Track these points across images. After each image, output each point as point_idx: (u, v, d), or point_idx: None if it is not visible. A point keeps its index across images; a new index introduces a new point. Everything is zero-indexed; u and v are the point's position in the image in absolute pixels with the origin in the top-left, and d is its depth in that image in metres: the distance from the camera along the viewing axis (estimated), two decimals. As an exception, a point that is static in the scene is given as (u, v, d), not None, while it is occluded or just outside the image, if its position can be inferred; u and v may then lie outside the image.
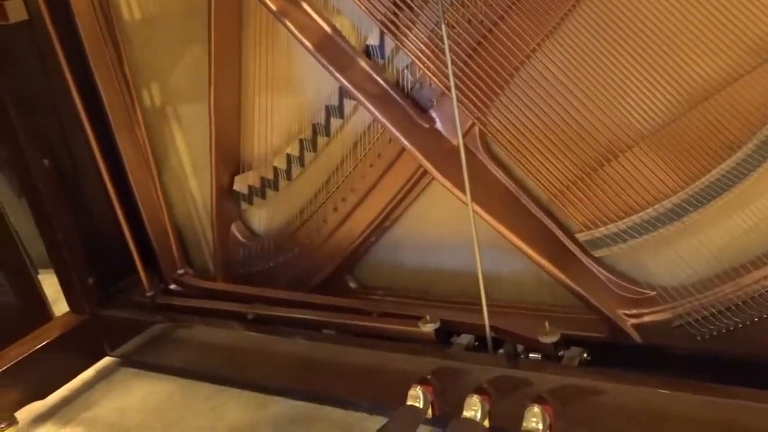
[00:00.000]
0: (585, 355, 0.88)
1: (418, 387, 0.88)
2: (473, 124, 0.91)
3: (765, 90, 0.76)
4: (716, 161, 0.80)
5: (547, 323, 0.88)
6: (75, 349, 1.24)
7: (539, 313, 0.96)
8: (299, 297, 1.10)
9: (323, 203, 1.10)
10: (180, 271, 1.27)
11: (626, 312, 0.89)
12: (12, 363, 1.14)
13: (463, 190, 0.89)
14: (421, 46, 0.91)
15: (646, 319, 0.88)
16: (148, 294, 1.23)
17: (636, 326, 0.89)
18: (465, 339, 0.94)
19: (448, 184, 0.94)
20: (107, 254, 1.26)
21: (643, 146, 0.83)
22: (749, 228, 0.82)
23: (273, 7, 1.00)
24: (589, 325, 0.92)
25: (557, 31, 0.84)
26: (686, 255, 0.86)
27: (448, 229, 1.02)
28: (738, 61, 0.77)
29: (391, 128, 0.96)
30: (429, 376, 0.90)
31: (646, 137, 0.83)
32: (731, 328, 0.84)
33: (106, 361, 1.29)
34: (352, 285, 1.14)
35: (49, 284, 1.31)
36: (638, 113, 0.82)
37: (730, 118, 0.78)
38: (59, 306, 1.29)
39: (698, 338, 0.86)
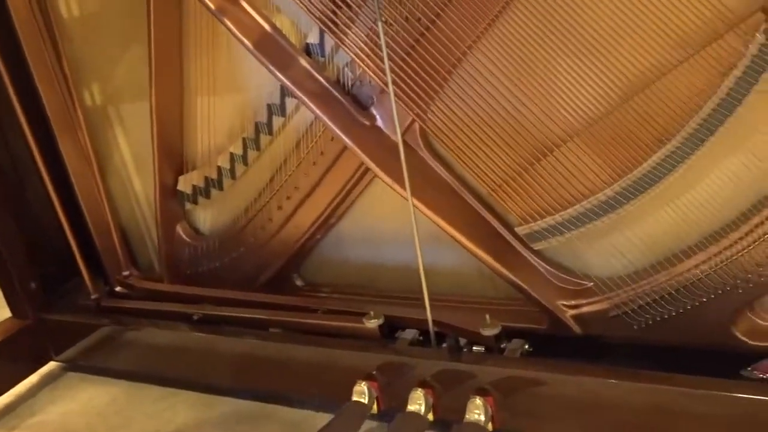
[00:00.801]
0: (526, 346, 0.89)
1: (363, 383, 0.89)
2: (413, 121, 0.92)
3: (692, 83, 0.78)
4: (647, 154, 0.82)
5: (488, 316, 0.89)
6: (18, 354, 1.22)
7: (481, 306, 0.97)
8: (246, 296, 1.10)
9: (268, 201, 1.09)
10: (125, 273, 1.26)
11: (565, 303, 0.91)
12: (-48, 371, 1.12)
13: (403, 185, 0.90)
14: (360, 44, 0.91)
15: (585, 309, 0.90)
16: (93, 297, 1.22)
17: (575, 317, 0.91)
18: (409, 334, 0.95)
19: (389, 180, 0.94)
20: (50, 257, 1.24)
21: (577, 140, 0.85)
22: (680, 218, 0.84)
23: (212, 6, 1.00)
24: (530, 317, 0.94)
25: (492, 29, 0.85)
26: (621, 246, 0.88)
27: (391, 225, 1.03)
28: (665, 55, 0.79)
29: (332, 126, 0.97)
30: (374, 372, 0.91)
31: (580, 132, 0.85)
32: (666, 317, 0.86)
33: (51, 366, 1.27)
34: (299, 283, 1.14)
35: (-10, 289, 1.28)
36: (571, 108, 0.84)
37: (659, 111, 0.81)
38: (1, 312, 1.26)
39: (635, 327, 0.88)
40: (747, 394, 0.74)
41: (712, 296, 0.83)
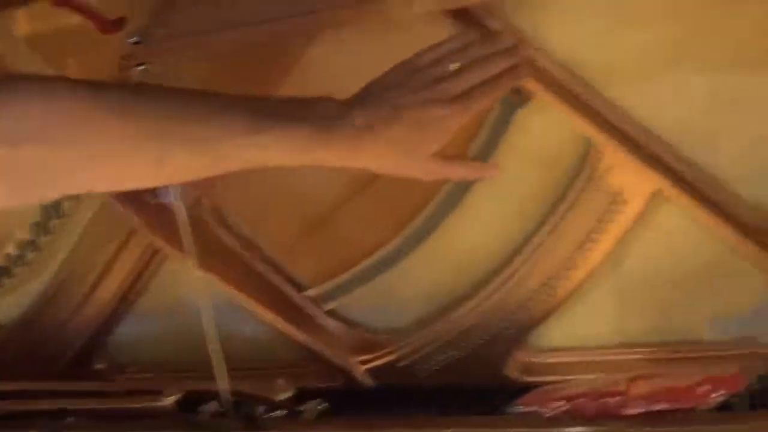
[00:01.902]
0: (319, 407, 0.91)
1: (163, 462, 0.88)
2: (200, 195, 0.94)
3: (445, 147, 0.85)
4: (418, 211, 0.89)
5: (280, 380, 0.91)
6: None
7: (281, 370, 0.98)
8: (40, 386, 1.05)
9: (64, 282, 1.06)
10: None
11: (357, 358, 0.95)
12: None
13: (191, 258, 0.91)
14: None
15: (376, 362, 0.94)
16: None
17: (368, 371, 0.95)
18: (211, 406, 0.95)
19: (177, 254, 0.95)
20: None
21: (356, 202, 0.90)
22: (453, 268, 0.91)
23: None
24: (328, 375, 0.97)
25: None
26: (406, 298, 0.93)
27: (190, 297, 1.03)
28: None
29: (119, 205, 0.97)
30: (175, 449, 0.90)
31: (358, 194, 0.90)
32: (449, 361, 0.92)
33: None
34: (100, 365, 1.10)
35: None
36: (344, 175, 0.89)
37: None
38: None
39: (422, 374, 0.93)
40: (509, 428, 0.80)
41: (487, 338, 0.90)
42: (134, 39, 0.87)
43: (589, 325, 0.90)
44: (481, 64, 0.67)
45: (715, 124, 0.79)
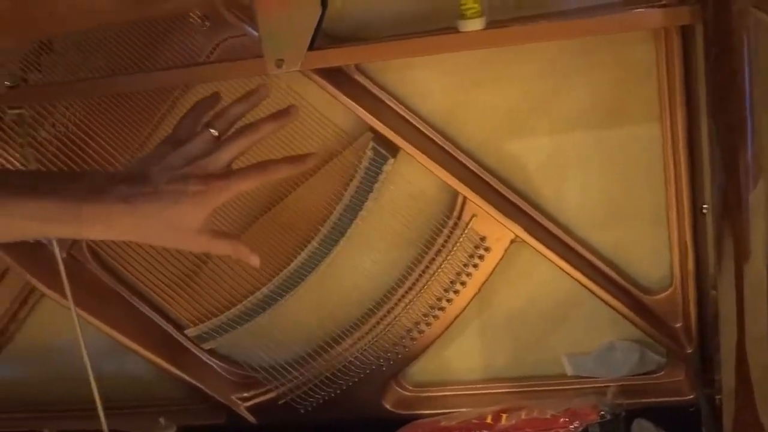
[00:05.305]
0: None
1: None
2: (80, 235, 0.94)
3: (322, 194, 0.89)
4: (293, 255, 0.91)
5: (162, 419, 0.92)
6: None
7: (164, 408, 0.99)
8: None
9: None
10: None
11: (238, 396, 0.97)
12: None
13: (66, 297, 0.90)
14: (16, 164, 0.92)
15: (256, 400, 0.97)
16: None
17: (249, 408, 0.97)
18: (91, 446, 0.95)
19: (52, 294, 0.94)
20: None
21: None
22: (330, 310, 0.94)
23: None
24: (211, 413, 0.99)
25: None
26: (283, 337, 0.96)
27: (66, 336, 1.02)
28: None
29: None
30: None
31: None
32: (327, 398, 0.96)
33: None
34: (-24, 406, 1.08)
35: None
36: (224, 218, 0.91)
37: (298, 218, 0.91)
38: None
39: (302, 411, 0.96)
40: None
41: (362, 375, 0.94)
42: (8, 82, 0.86)
43: (458, 362, 0.96)
44: (241, 134, 0.69)
45: (562, 178, 0.86)
